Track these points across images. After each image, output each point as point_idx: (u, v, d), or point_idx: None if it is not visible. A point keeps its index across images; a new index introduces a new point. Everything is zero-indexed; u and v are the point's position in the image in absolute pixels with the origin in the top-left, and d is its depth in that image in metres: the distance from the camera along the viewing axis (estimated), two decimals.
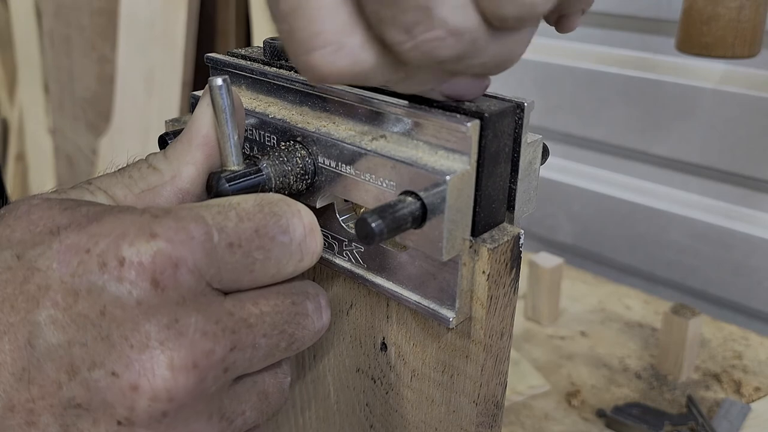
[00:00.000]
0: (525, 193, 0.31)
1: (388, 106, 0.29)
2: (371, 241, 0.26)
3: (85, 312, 0.25)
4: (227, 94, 0.29)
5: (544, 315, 0.84)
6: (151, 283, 0.25)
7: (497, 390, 0.32)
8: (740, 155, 0.87)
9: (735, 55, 0.64)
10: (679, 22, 0.67)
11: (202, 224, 0.26)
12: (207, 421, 0.27)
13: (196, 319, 0.26)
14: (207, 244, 0.26)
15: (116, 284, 0.25)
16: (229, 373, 0.27)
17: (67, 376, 0.25)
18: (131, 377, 0.25)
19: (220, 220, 0.27)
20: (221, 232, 0.27)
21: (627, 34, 0.94)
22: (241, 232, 0.27)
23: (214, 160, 0.31)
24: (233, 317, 0.27)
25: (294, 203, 0.29)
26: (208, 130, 0.30)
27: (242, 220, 0.27)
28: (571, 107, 1.01)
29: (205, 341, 0.26)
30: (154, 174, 0.30)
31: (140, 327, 0.25)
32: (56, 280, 0.25)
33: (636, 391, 0.72)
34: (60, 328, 0.25)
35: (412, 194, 0.28)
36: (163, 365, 0.25)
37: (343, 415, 0.40)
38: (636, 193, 0.99)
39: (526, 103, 0.29)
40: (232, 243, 0.27)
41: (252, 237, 0.27)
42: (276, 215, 0.28)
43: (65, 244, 0.26)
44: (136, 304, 0.25)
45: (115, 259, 0.25)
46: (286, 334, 0.29)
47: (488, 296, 0.29)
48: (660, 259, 0.98)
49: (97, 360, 0.25)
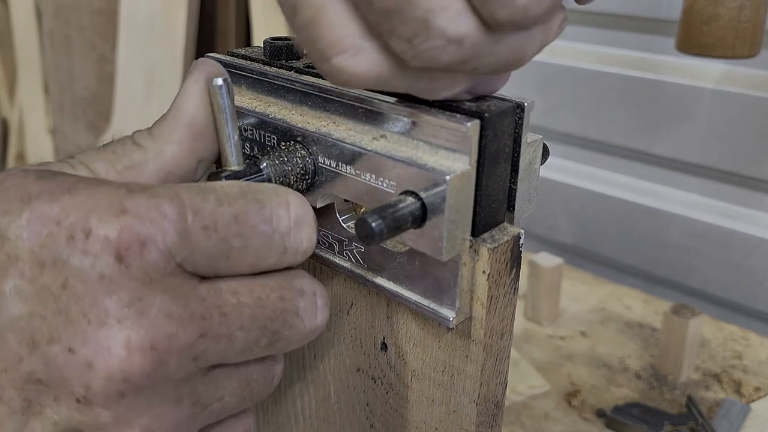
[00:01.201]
0: (525, 193, 0.31)
1: (389, 106, 0.29)
2: (371, 241, 0.26)
3: (48, 284, 0.24)
4: (227, 94, 0.29)
5: (544, 315, 0.84)
6: (115, 258, 0.24)
7: (497, 390, 0.32)
8: (740, 155, 0.87)
9: (735, 55, 0.64)
10: (679, 22, 0.67)
11: (177, 204, 0.25)
12: (174, 404, 0.26)
13: (161, 300, 0.25)
14: (179, 224, 0.25)
15: (80, 257, 0.24)
16: (199, 362, 0.26)
17: (28, 350, 0.24)
18: (87, 354, 0.24)
19: (197, 201, 0.26)
20: (197, 213, 0.26)
21: (627, 34, 0.94)
22: (218, 215, 0.26)
23: (200, 141, 0.30)
24: (204, 303, 0.26)
25: (285, 193, 0.28)
26: (195, 109, 0.30)
27: (221, 203, 0.26)
28: (571, 107, 1.01)
29: (168, 324, 0.25)
30: (137, 151, 0.30)
31: (99, 302, 0.24)
32: (25, 251, 0.25)
33: (636, 391, 0.72)
34: (23, 300, 0.24)
35: (412, 194, 0.28)
36: (119, 344, 0.24)
37: (344, 414, 0.40)
38: (636, 193, 0.99)
39: (526, 103, 0.29)
40: (207, 226, 0.26)
41: (230, 222, 0.26)
42: (259, 203, 0.27)
43: (35, 214, 0.25)
44: (98, 278, 0.24)
45: (82, 232, 0.24)
46: (269, 331, 0.27)
47: (488, 296, 0.29)
48: (660, 259, 0.98)
49: (55, 334, 0.24)
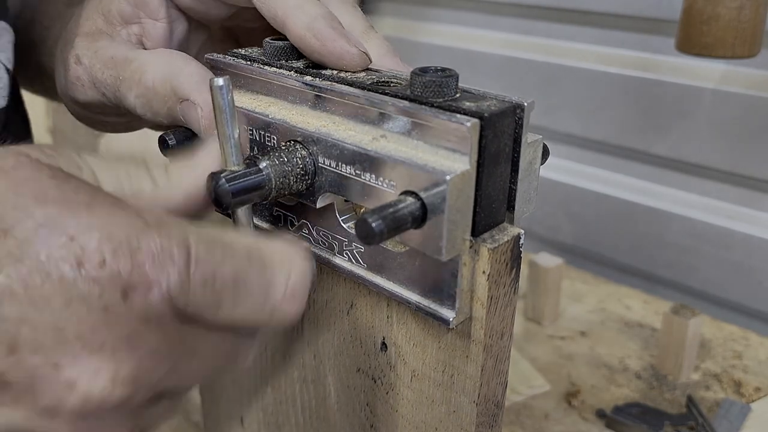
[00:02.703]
0: (525, 193, 0.31)
1: (389, 106, 0.29)
2: (371, 241, 0.26)
3: (49, 297, 0.24)
4: (228, 94, 0.29)
5: (544, 315, 0.84)
6: (121, 295, 0.25)
7: (497, 390, 0.32)
8: (740, 155, 0.87)
9: (735, 55, 0.64)
10: (679, 22, 0.67)
11: (184, 251, 0.26)
12: (121, 428, 0.27)
13: (153, 338, 0.26)
14: (183, 273, 0.26)
15: (89, 284, 0.24)
16: (157, 392, 0.27)
17: (5, 351, 0.24)
18: (72, 374, 0.25)
19: (202, 251, 0.26)
20: (199, 264, 0.26)
21: (627, 34, 0.94)
22: (219, 273, 0.26)
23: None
24: (183, 344, 0.27)
25: (291, 262, 0.28)
26: (212, 165, 0.31)
27: (224, 260, 0.27)
28: (571, 107, 1.01)
29: (151, 361, 0.26)
30: (149, 184, 0.30)
31: (98, 331, 0.25)
32: (31, 256, 0.24)
33: (636, 391, 0.72)
34: (16, 303, 0.24)
35: (412, 194, 0.27)
36: (108, 374, 0.25)
37: (344, 414, 0.40)
38: (636, 193, 0.99)
39: (526, 103, 0.29)
40: (206, 281, 0.26)
41: (227, 283, 0.27)
42: (263, 267, 0.28)
43: (50, 222, 0.25)
44: (102, 309, 0.25)
45: (96, 259, 0.25)
46: (217, 366, 0.29)
47: (488, 296, 0.29)
48: (660, 259, 0.98)
49: (42, 347, 0.24)
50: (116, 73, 0.39)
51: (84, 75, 0.40)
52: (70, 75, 0.41)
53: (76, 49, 0.41)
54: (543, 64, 1.02)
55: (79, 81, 0.41)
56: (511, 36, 1.07)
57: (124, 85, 0.38)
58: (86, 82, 0.41)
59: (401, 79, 0.33)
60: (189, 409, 0.76)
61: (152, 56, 0.38)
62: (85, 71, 0.40)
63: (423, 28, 1.17)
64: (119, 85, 0.38)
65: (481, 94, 0.30)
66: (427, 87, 0.29)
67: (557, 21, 1.01)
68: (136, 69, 0.38)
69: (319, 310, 0.39)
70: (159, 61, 0.37)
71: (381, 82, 0.32)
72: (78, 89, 0.41)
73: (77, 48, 0.41)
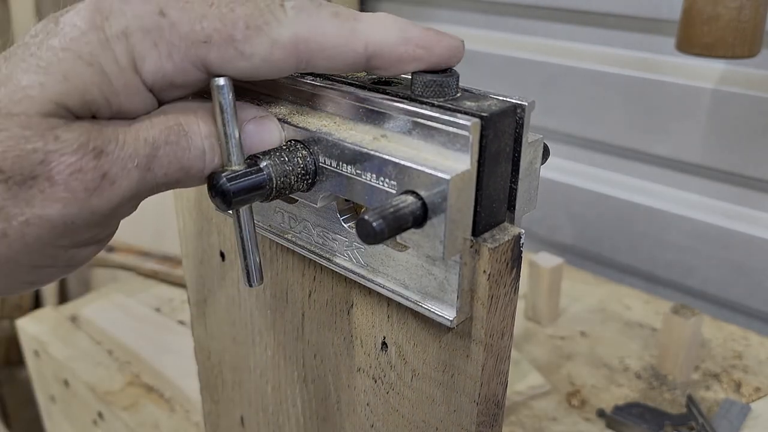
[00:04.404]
0: (526, 192, 0.31)
1: (390, 106, 0.29)
2: (372, 241, 0.26)
3: None
4: (229, 93, 0.29)
5: (544, 315, 0.84)
6: None
7: (498, 389, 0.32)
8: (740, 155, 0.87)
9: (735, 55, 0.65)
10: (679, 22, 0.68)
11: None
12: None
13: None
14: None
15: None
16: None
17: None
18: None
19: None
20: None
21: (627, 34, 0.94)
22: None
23: None
24: None
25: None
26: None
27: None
28: (571, 107, 1.01)
29: None
30: None
31: None
32: None
33: (636, 391, 0.72)
34: None
35: (413, 194, 0.28)
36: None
37: (344, 414, 0.40)
38: (636, 193, 0.99)
39: (527, 103, 0.29)
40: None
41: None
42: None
43: None
44: None
45: None
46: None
47: (489, 296, 0.29)
48: (660, 259, 0.98)
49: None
50: None
51: None
52: None
53: None
54: (543, 64, 1.02)
55: None
56: (511, 36, 1.07)
57: None
58: None
59: (402, 78, 0.33)
60: (189, 409, 0.76)
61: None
62: None
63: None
64: None
65: (482, 93, 0.30)
66: (427, 87, 0.29)
67: (557, 21, 1.01)
68: None
69: (319, 310, 0.39)
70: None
71: (382, 81, 0.32)
72: None
73: None
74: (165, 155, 0.28)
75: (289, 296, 0.41)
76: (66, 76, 0.27)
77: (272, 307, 0.42)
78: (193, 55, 0.28)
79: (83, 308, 0.95)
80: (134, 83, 0.28)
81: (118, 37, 0.27)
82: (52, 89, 0.26)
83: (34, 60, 0.27)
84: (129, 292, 0.99)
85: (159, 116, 0.29)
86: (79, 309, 0.95)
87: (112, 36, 0.27)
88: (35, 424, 1.23)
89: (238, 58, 0.28)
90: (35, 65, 0.27)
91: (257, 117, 0.31)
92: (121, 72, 0.28)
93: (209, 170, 0.30)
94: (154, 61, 0.28)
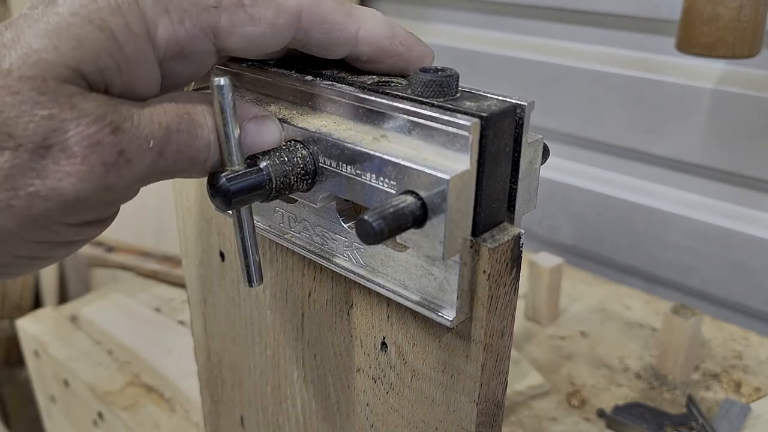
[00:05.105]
0: (525, 192, 0.31)
1: (389, 106, 0.29)
2: (372, 241, 0.26)
3: None
4: (228, 93, 0.29)
5: (544, 315, 0.84)
6: None
7: (498, 390, 0.32)
8: (740, 155, 0.87)
9: (735, 55, 0.65)
10: (679, 22, 0.67)
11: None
12: None
13: None
14: None
15: None
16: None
17: None
18: None
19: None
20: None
21: (627, 34, 0.94)
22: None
23: None
24: None
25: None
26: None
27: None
28: (571, 107, 1.01)
29: None
30: None
31: None
32: None
33: (636, 391, 0.72)
34: None
35: (412, 194, 0.28)
36: None
37: (344, 414, 0.40)
38: (636, 193, 0.99)
39: (527, 103, 0.29)
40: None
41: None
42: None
43: None
44: None
45: None
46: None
47: (489, 296, 0.29)
48: (660, 259, 0.98)
49: None
50: None
51: None
52: None
53: None
54: (543, 64, 1.02)
55: None
56: (511, 36, 1.07)
57: None
58: None
59: (401, 78, 0.33)
60: (189, 409, 0.76)
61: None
62: None
63: (423, 28, 1.17)
64: None
65: (482, 94, 0.30)
66: (427, 87, 0.29)
67: (557, 21, 1.01)
68: None
69: (319, 310, 0.39)
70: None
71: (381, 81, 0.32)
72: None
73: None
74: (176, 142, 0.28)
75: (288, 296, 0.41)
76: (79, 42, 0.25)
77: (272, 308, 0.42)
78: (204, 21, 0.28)
79: (83, 308, 0.95)
80: (145, 52, 0.27)
81: (129, 3, 0.27)
82: (66, 54, 0.25)
83: (42, 25, 0.25)
84: (129, 292, 0.99)
85: (170, 103, 0.29)
86: (79, 309, 0.95)
87: (122, 1, 0.26)
88: (35, 424, 1.23)
89: (247, 22, 0.29)
90: (44, 29, 0.25)
91: (257, 116, 0.31)
92: (133, 39, 0.27)
93: (211, 163, 0.30)
94: (165, 27, 0.27)
